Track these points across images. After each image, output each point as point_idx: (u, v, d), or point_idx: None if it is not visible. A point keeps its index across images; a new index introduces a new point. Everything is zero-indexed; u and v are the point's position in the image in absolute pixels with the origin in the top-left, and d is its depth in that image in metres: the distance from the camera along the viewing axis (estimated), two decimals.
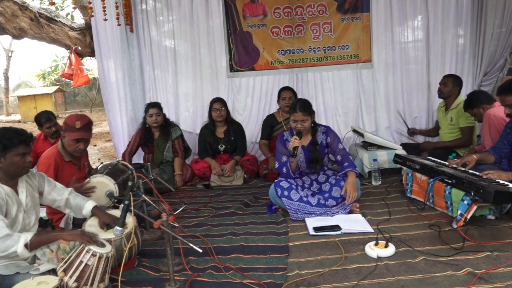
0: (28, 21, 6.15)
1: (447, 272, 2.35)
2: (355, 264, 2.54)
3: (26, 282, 1.97)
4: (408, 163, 3.69)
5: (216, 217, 3.58)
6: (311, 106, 3.51)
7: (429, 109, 5.48)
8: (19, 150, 2.38)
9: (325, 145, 3.58)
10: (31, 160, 2.47)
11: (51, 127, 4.49)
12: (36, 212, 2.64)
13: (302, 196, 3.39)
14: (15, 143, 2.36)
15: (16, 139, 2.37)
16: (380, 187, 4.08)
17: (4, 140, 2.35)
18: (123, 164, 3.54)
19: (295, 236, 3.03)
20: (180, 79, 5.50)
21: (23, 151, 2.40)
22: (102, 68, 5.35)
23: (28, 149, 2.44)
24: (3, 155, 2.36)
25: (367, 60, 5.44)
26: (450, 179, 3.11)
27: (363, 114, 5.52)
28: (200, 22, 5.37)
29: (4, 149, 2.35)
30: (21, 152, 2.39)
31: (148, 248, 2.98)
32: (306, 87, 5.48)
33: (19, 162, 2.39)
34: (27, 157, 2.43)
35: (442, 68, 5.41)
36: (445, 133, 4.44)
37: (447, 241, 2.75)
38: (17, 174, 2.45)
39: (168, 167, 4.59)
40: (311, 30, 5.37)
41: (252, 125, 5.47)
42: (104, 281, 2.36)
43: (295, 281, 2.39)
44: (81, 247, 2.33)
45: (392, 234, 2.91)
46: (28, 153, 2.45)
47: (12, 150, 2.36)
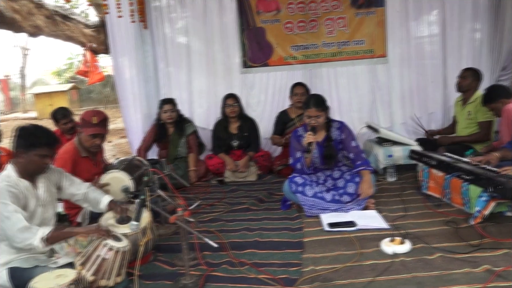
0: (44, 19, 6.24)
1: (465, 269, 2.32)
2: (371, 260, 2.53)
3: (45, 275, 2.00)
4: (424, 159, 3.64)
5: (230, 213, 3.59)
6: (325, 101, 3.49)
7: (445, 105, 5.40)
8: (42, 151, 2.40)
9: (339, 141, 3.56)
10: (48, 163, 2.49)
11: (67, 123, 4.54)
12: (53, 207, 2.67)
13: (317, 192, 3.38)
14: (41, 143, 2.39)
15: (43, 140, 2.40)
16: (395, 184, 4.04)
17: (31, 138, 2.39)
18: (139, 160, 3.57)
19: (310, 232, 3.02)
20: (193, 76, 5.51)
21: (45, 153, 2.42)
22: (116, 65, 5.39)
23: (51, 152, 2.47)
24: (26, 151, 2.39)
25: (381, 55, 5.38)
26: (467, 175, 3.06)
27: (378, 109, 5.48)
28: (213, 19, 5.37)
29: (29, 146, 2.38)
30: (43, 154, 2.41)
31: (163, 243, 3.00)
32: (320, 82, 5.45)
33: (37, 162, 2.41)
34: (46, 159, 2.45)
35: (459, 63, 5.31)
36: (462, 128, 4.37)
37: (464, 238, 2.71)
38: (33, 172, 2.48)
39: (182, 163, 4.62)
40: (325, 25, 5.33)
41: (266, 121, 5.45)
42: (121, 275, 2.39)
43: (310, 277, 2.39)
44: (99, 241, 2.36)
45: (408, 230, 2.89)
46: (49, 156, 2.47)
47: (36, 150, 2.38)
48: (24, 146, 2.39)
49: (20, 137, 2.41)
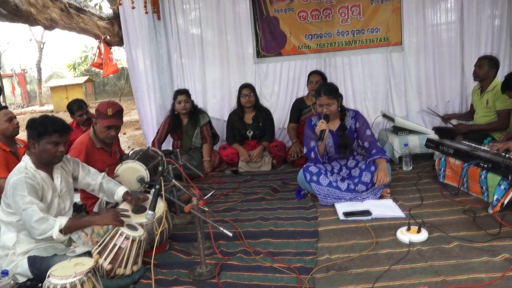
0: (59, 11, 6.28)
1: (483, 258, 2.29)
2: (387, 249, 2.50)
3: (64, 263, 2.03)
4: (441, 147, 3.59)
5: (244, 202, 3.59)
6: (337, 89, 3.45)
7: (463, 93, 5.30)
8: (52, 139, 2.42)
9: (354, 130, 3.53)
10: (63, 150, 2.50)
11: (83, 115, 4.59)
12: (70, 197, 2.71)
13: (332, 181, 3.36)
14: (50, 131, 2.41)
15: (51, 127, 2.42)
16: (411, 173, 3.99)
17: (40, 127, 2.41)
18: (153, 150, 3.59)
19: (325, 221, 3.01)
20: (207, 66, 5.50)
21: (56, 140, 2.44)
22: (130, 56, 5.42)
23: (62, 139, 2.48)
24: (37, 141, 2.42)
25: (397, 43, 5.29)
26: (486, 164, 3.00)
27: (393, 98, 5.40)
28: (226, 9, 5.34)
29: (38, 136, 2.41)
30: (54, 141, 2.43)
31: (178, 232, 3.03)
32: (334, 71, 5.39)
33: (51, 150, 2.44)
34: (59, 147, 2.47)
35: (477, 49, 5.20)
36: (480, 117, 4.29)
37: (482, 227, 2.67)
38: (48, 162, 2.50)
39: (196, 154, 4.63)
40: (339, 13, 5.25)
41: (280, 111, 5.43)
42: (137, 263, 2.42)
43: (326, 265, 2.38)
44: (115, 230, 2.39)
45: (424, 219, 2.85)
46: (62, 142, 2.48)
47: (46, 138, 2.41)
48: (34, 136, 2.42)
49: (30, 128, 2.44)
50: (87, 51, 18.69)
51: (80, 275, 1.91)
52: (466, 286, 2.06)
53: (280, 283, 2.26)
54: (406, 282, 2.14)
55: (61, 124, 2.49)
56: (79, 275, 1.91)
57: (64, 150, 2.53)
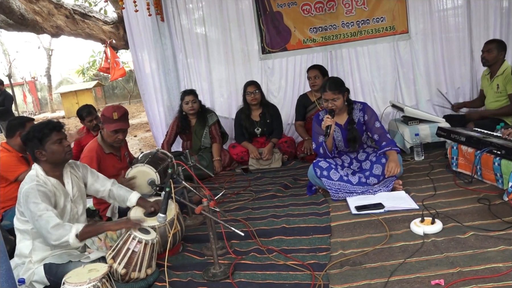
0: (64, 18, 6.33)
1: (500, 247, 2.25)
2: (401, 242, 2.48)
3: (78, 270, 2.05)
4: (453, 135, 3.53)
5: (256, 200, 3.59)
6: (342, 83, 3.42)
7: (473, 78, 5.21)
8: (54, 138, 2.47)
9: (362, 122, 3.49)
10: (69, 144, 2.56)
11: (93, 120, 4.63)
12: (83, 202, 2.73)
13: (342, 175, 3.33)
14: (47, 132, 2.46)
15: (46, 129, 2.46)
16: (423, 163, 3.94)
17: (36, 133, 2.45)
18: (163, 153, 3.60)
19: (337, 216, 2.99)
20: (213, 65, 5.49)
21: (58, 137, 2.49)
22: (136, 59, 5.45)
23: (62, 135, 2.52)
24: (42, 148, 2.45)
25: (404, 32, 5.22)
26: (499, 150, 2.95)
27: (402, 88, 5.32)
28: (229, 6, 5.31)
29: (40, 142, 2.45)
30: (56, 139, 2.48)
31: (191, 234, 3.04)
32: (341, 64, 5.33)
33: (58, 149, 2.48)
34: (64, 142, 2.52)
35: (486, 33, 5.10)
36: (491, 102, 4.21)
37: (498, 215, 2.62)
38: (61, 160, 2.54)
39: (206, 153, 4.64)
40: (343, 4, 5.19)
41: (288, 106, 5.40)
42: (151, 266, 2.44)
43: (340, 261, 2.37)
44: (127, 234, 2.41)
45: (438, 210, 2.81)
46: (63, 138, 2.53)
47: (48, 140, 2.45)
48: (37, 144, 2.45)
49: (28, 140, 2.47)
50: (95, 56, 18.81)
51: (94, 281, 1.93)
52: (483, 277, 2.02)
53: (294, 281, 2.26)
54: (421, 275, 2.11)
55: (52, 122, 2.54)
56: (94, 281, 1.93)
57: (70, 145, 2.58)
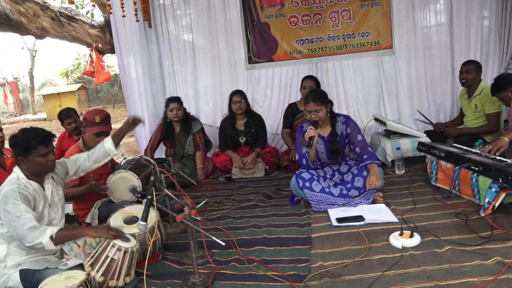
0: (50, 20, 6.26)
1: (475, 262, 2.30)
2: (380, 255, 2.51)
3: (55, 277, 2.02)
4: (433, 150, 3.61)
5: (238, 210, 3.59)
6: (325, 95, 3.47)
7: (454, 95, 5.33)
8: (40, 151, 2.42)
9: (345, 135, 3.54)
10: (53, 159, 2.50)
11: (71, 123, 4.56)
12: (62, 207, 2.69)
13: (324, 187, 3.36)
14: (34, 145, 2.40)
15: (34, 141, 2.40)
16: (403, 176, 4.01)
17: (23, 143, 2.40)
18: (146, 159, 3.58)
19: (318, 227, 3.01)
20: (199, 73, 5.50)
21: (44, 152, 2.44)
22: (122, 64, 5.42)
23: (48, 148, 2.47)
24: (25, 157, 2.41)
25: (388, 47, 5.32)
26: (476, 166, 3.02)
27: (385, 102, 5.42)
28: (217, 15, 5.35)
29: (24, 152, 2.40)
30: (42, 153, 2.43)
31: (172, 242, 3.01)
32: (326, 76, 5.40)
33: (41, 162, 2.44)
34: (49, 156, 2.46)
35: (467, 52, 5.24)
36: (470, 120, 4.31)
37: (474, 230, 2.68)
38: (41, 173, 2.51)
39: (189, 161, 4.62)
40: (329, 18, 5.28)
41: (272, 116, 5.44)
42: (130, 275, 2.41)
43: (319, 273, 2.38)
44: (107, 242, 2.38)
45: (417, 223, 2.86)
46: (50, 152, 2.47)
47: (33, 152, 2.40)
48: (21, 153, 2.41)
49: (14, 146, 2.43)
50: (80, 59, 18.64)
51: None
52: None
53: None
54: None
55: (43, 134, 2.47)
56: None
57: (54, 158, 2.52)
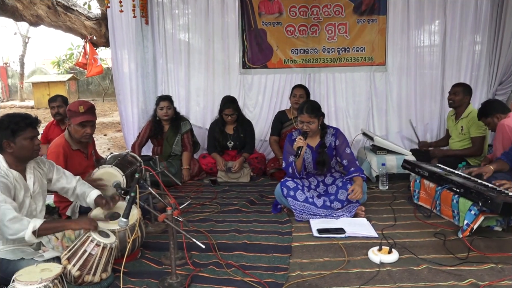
0: (45, 8, 6.21)
1: (450, 282, 2.34)
2: (358, 268, 2.53)
3: (30, 268, 1.99)
4: (417, 169, 3.66)
5: (221, 213, 3.58)
6: (319, 108, 3.49)
7: (441, 116, 5.41)
8: (28, 134, 2.43)
9: (333, 147, 3.57)
10: (39, 143, 2.52)
11: (55, 107, 4.54)
12: (43, 199, 2.67)
13: (308, 197, 3.38)
14: (22, 126, 2.42)
15: (22, 123, 2.42)
16: (387, 192, 4.05)
17: (12, 125, 2.40)
18: (132, 156, 3.56)
19: (299, 237, 3.03)
20: (192, 73, 5.51)
21: (31, 134, 2.45)
22: (116, 58, 5.39)
23: (35, 132, 2.50)
24: (12, 140, 2.40)
25: (381, 63, 5.39)
26: (458, 188, 3.07)
27: (374, 117, 5.48)
28: (215, 17, 5.36)
29: (13, 134, 2.40)
30: (29, 136, 2.44)
31: (151, 241, 3.00)
32: (318, 87, 5.45)
33: (28, 146, 2.44)
34: (35, 140, 2.49)
35: (458, 74, 5.34)
36: (455, 142, 4.39)
37: (451, 250, 2.72)
38: (28, 157, 2.51)
39: (176, 161, 4.61)
40: (326, 30, 5.33)
41: (262, 123, 5.46)
42: (107, 271, 2.39)
43: (296, 282, 2.39)
44: (86, 236, 2.36)
45: (396, 240, 2.89)
46: (36, 136, 2.50)
47: (21, 134, 2.41)
48: (8, 135, 2.40)
49: (1, 129, 2.41)
50: (73, 49, 18.42)
51: (46, 282, 1.88)
52: None
53: None
54: None
55: (30, 117, 2.50)
56: (45, 281, 1.88)
57: (40, 144, 2.53)
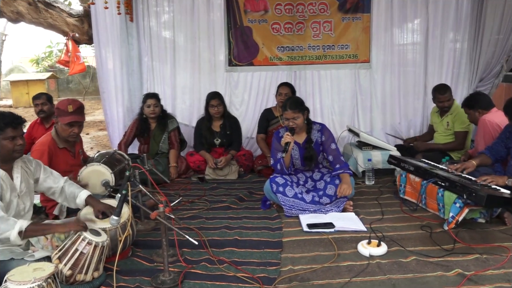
0: (26, 5, 6.08)
1: (437, 273, 2.40)
2: (348, 262, 2.58)
3: (22, 268, 1.97)
4: (402, 164, 3.73)
5: (210, 210, 3.59)
6: (302, 103, 3.54)
7: (424, 113, 5.52)
8: (7, 134, 2.37)
9: (320, 143, 3.61)
10: (22, 143, 2.46)
11: (39, 105, 4.46)
12: (30, 199, 2.63)
13: (297, 193, 3.42)
14: (1, 126, 2.36)
15: (1, 123, 2.36)
16: (373, 187, 4.12)
17: None
18: (120, 154, 3.55)
19: (289, 232, 3.06)
20: (178, 71, 5.47)
21: (12, 135, 2.39)
22: (100, 56, 5.32)
23: (17, 132, 2.43)
24: None
25: (365, 61, 5.46)
26: (443, 182, 3.15)
27: (359, 114, 5.55)
28: (200, 15, 5.34)
29: None
30: (9, 136, 2.38)
31: (142, 239, 2.99)
32: (304, 84, 5.49)
33: (8, 146, 2.39)
34: (17, 140, 2.42)
35: (440, 71, 5.45)
36: (440, 136, 4.48)
37: (438, 242, 2.80)
38: (9, 158, 2.45)
39: (163, 159, 4.59)
40: (311, 28, 5.37)
41: (249, 120, 5.47)
42: (99, 270, 2.38)
43: (288, 276, 2.43)
44: (77, 235, 2.34)
45: (384, 233, 2.96)
46: (18, 136, 2.43)
47: (0, 134, 2.36)
48: None
49: None
50: (52, 47, 18.08)
51: (39, 281, 1.87)
52: None
53: None
54: None
55: (11, 117, 2.43)
56: (39, 280, 1.87)
57: (23, 143, 2.47)
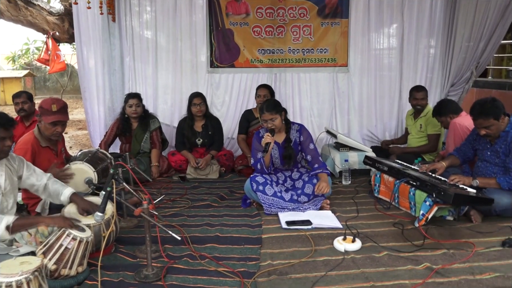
0: (5, 2, 6.04)
1: (408, 267, 2.55)
2: (324, 257, 2.70)
3: (9, 262, 2.01)
4: (377, 165, 3.88)
5: (192, 208, 3.67)
6: (278, 104, 3.67)
7: (399, 116, 5.70)
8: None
9: (298, 142, 3.74)
10: (9, 145, 2.47)
11: (19, 104, 4.44)
12: (14, 196, 2.66)
13: (276, 192, 3.53)
14: None
15: None
16: (349, 187, 4.27)
17: None
18: (102, 153, 3.59)
19: (268, 229, 3.17)
20: (160, 72, 5.52)
21: (2, 135, 2.40)
22: (81, 55, 5.32)
23: (7, 133, 2.44)
24: None
25: (343, 65, 5.62)
26: (414, 181, 3.31)
27: (337, 116, 5.70)
28: (182, 16, 5.40)
29: None
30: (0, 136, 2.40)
31: (124, 236, 3.05)
32: (284, 87, 5.62)
33: None
34: (6, 141, 2.43)
35: (414, 76, 5.64)
36: (413, 138, 4.68)
37: (409, 239, 2.95)
38: None
39: (145, 158, 4.63)
40: (291, 31, 5.50)
41: (229, 121, 5.56)
42: (83, 265, 2.43)
43: (267, 270, 2.53)
44: (62, 230, 2.39)
45: (359, 230, 3.10)
46: (8, 137, 2.45)
47: None
48: None
49: None
50: (29, 44, 17.73)
51: (26, 274, 1.92)
52: None
53: (224, 286, 2.37)
54: (340, 287, 2.33)
55: (4, 118, 2.44)
56: (26, 273, 1.92)
57: (11, 145, 2.49)
